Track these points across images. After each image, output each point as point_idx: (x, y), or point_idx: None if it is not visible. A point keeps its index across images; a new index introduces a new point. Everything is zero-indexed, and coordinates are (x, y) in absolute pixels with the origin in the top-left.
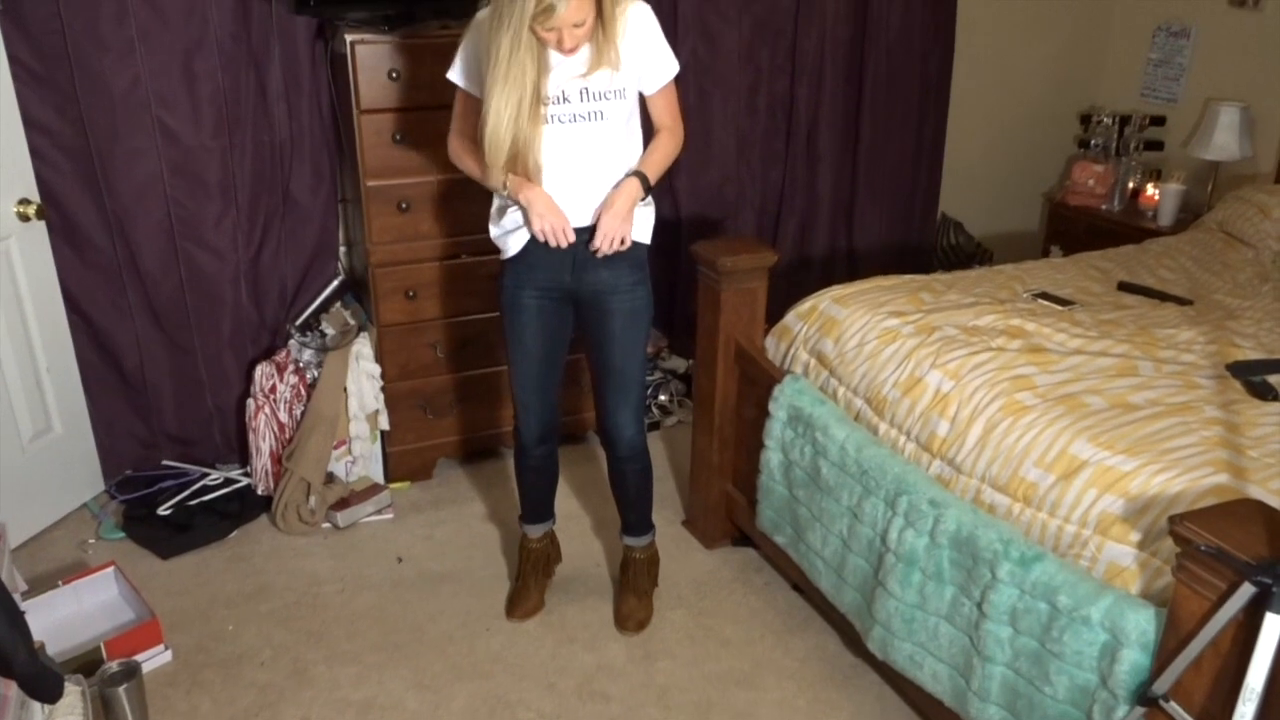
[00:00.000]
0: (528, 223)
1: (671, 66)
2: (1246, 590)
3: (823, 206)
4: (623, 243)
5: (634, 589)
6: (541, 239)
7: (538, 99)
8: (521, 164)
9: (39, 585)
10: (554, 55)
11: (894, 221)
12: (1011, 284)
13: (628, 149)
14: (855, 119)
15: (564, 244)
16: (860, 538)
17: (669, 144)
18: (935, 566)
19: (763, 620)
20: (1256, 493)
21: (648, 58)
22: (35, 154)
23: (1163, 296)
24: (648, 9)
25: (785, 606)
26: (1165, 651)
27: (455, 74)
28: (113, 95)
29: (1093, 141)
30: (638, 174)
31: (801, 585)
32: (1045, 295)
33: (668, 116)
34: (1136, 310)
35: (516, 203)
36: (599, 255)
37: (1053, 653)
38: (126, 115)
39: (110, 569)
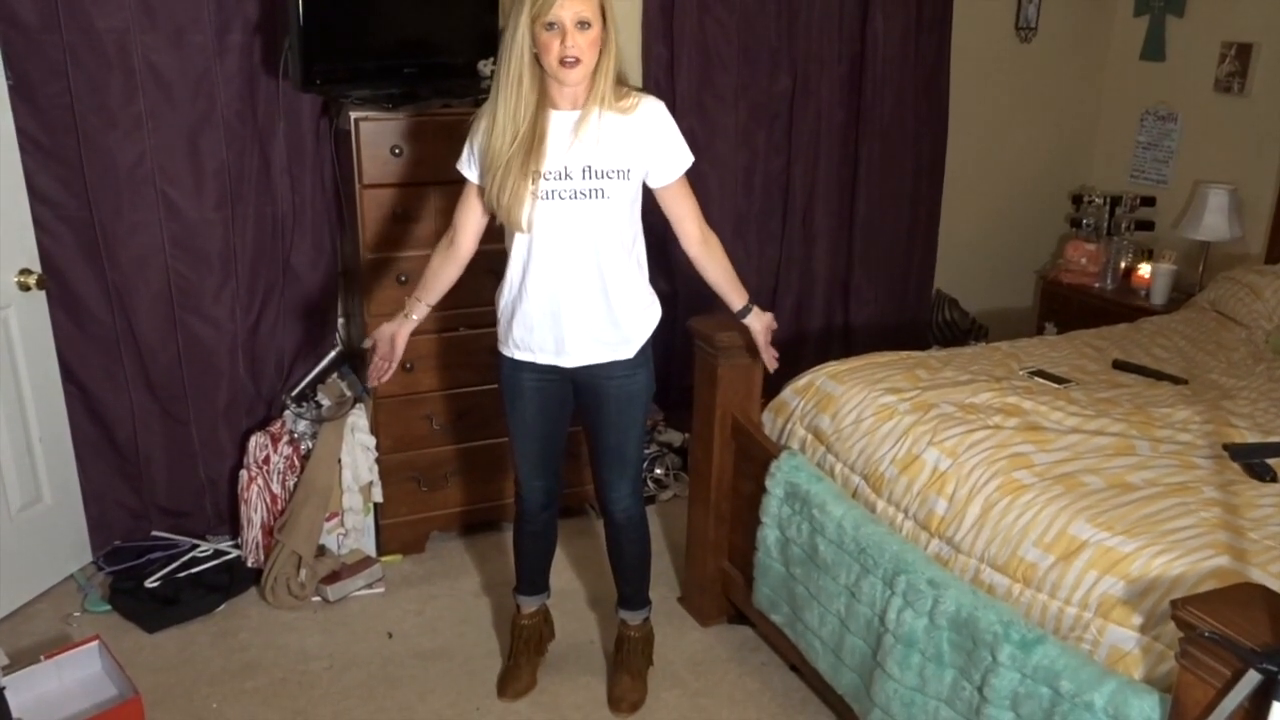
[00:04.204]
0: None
1: (687, 158)
2: (1252, 678)
3: (818, 284)
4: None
5: (628, 668)
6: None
7: (535, 123)
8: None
9: (20, 660)
10: (555, 128)
11: (889, 298)
12: (1007, 361)
13: (627, 233)
14: (850, 198)
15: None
16: (858, 617)
17: (724, 257)
18: (935, 648)
19: (759, 703)
20: (1258, 576)
21: (662, 150)
22: (38, 225)
23: (1158, 375)
24: (663, 106)
25: (782, 688)
26: None
27: (462, 164)
28: (118, 169)
29: (1084, 221)
30: (748, 306)
31: (799, 666)
32: (1041, 373)
33: (694, 220)
34: (1132, 389)
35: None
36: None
37: None
38: (131, 189)
39: (94, 644)
